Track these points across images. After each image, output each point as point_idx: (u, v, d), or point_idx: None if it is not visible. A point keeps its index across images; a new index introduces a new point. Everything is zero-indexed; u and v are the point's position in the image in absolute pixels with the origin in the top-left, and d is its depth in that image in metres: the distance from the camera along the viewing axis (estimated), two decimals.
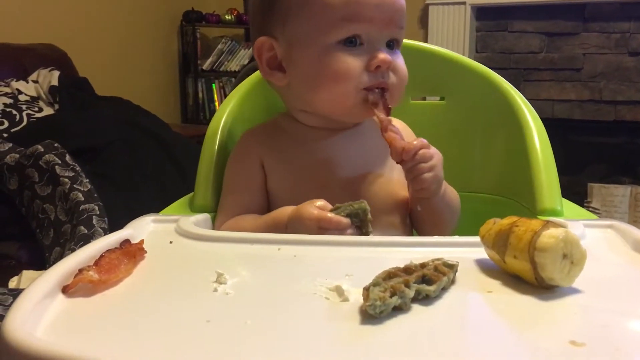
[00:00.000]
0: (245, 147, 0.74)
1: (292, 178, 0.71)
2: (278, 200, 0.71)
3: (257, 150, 0.72)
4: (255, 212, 0.70)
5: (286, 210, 0.64)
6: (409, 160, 0.64)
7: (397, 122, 0.76)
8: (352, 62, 0.64)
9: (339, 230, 0.59)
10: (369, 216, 0.61)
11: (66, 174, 1.52)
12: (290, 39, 0.67)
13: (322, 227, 0.59)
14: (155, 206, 0.74)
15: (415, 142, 0.64)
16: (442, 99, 0.91)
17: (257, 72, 0.89)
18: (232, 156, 0.75)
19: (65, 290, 0.45)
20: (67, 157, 1.56)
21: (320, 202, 0.61)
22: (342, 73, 0.64)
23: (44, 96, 2.17)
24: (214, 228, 0.70)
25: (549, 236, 0.44)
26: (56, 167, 1.53)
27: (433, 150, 0.66)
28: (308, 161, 0.71)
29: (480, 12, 2.89)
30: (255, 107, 0.88)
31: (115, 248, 0.52)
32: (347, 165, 0.71)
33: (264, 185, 0.72)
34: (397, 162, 0.65)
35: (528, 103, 0.81)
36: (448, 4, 2.87)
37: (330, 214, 0.60)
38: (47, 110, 2.12)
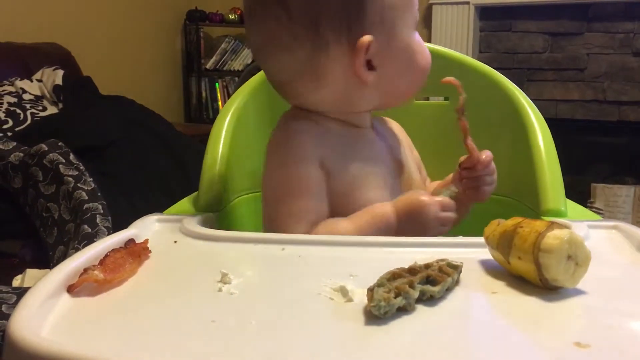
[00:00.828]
0: (303, 147, 0.68)
1: (351, 179, 0.68)
2: (338, 204, 0.68)
3: (317, 151, 0.68)
4: (326, 217, 0.67)
5: (383, 208, 0.65)
6: (480, 170, 0.69)
7: (393, 124, 0.76)
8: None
9: (452, 210, 0.64)
10: None
11: (70, 173, 1.52)
12: (389, 32, 0.65)
13: (445, 209, 0.63)
14: (158, 205, 0.74)
15: (488, 156, 0.69)
16: (446, 99, 0.91)
17: (262, 71, 0.89)
18: (285, 157, 0.68)
19: (71, 289, 0.45)
20: (71, 156, 1.57)
21: (423, 191, 0.67)
22: (428, 56, 0.69)
23: (48, 95, 2.18)
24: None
25: (553, 237, 0.44)
26: (60, 166, 1.53)
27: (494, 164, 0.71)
28: (362, 160, 0.70)
29: (484, 12, 2.89)
30: (260, 107, 0.88)
31: (120, 247, 0.52)
32: (389, 162, 0.72)
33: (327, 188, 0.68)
34: (463, 168, 0.69)
35: (532, 103, 0.81)
36: (452, 3, 2.87)
37: (442, 197, 0.64)
38: (51, 109, 2.13)
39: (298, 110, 0.71)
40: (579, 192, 2.74)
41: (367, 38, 0.63)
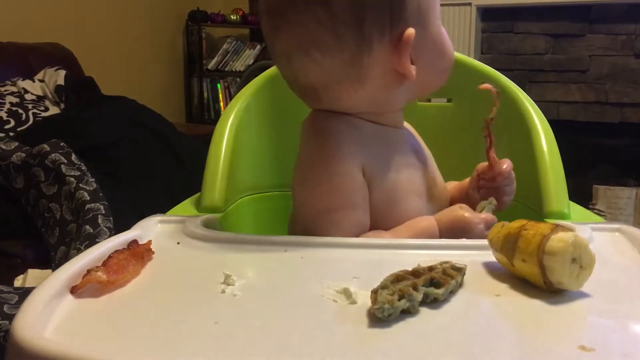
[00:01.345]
0: (346, 154, 0.64)
1: (392, 186, 0.66)
2: (378, 213, 0.65)
3: (359, 157, 0.64)
4: (368, 229, 0.65)
5: (427, 222, 0.64)
6: (500, 182, 0.69)
7: (407, 126, 0.76)
8: None
9: None
10: None
11: (72, 174, 1.52)
12: (424, 22, 0.63)
13: (489, 227, 0.62)
14: (160, 205, 0.74)
15: (508, 165, 0.69)
16: (449, 100, 0.91)
17: (265, 72, 0.89)
18: (327, 164, 0.64)
19: (74, 290, 0.45)
20: (73, 157, 1.57)
21: (465, 205, 0.65)
22: (451, 45, 0.68)
23: (50, 95, 2.18)
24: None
25: (558, 240, 0.44)
26: (62, 166, 1.53)
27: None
28: (401, 165, 0.68)
29: (486, 13, 2.89)
30: (262, 108, 0.88)
31: (123, 249, 0.52)
32: (419, 163, 0.71)
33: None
34: (483, 179, 0.70)
35: (535, 105, 0.81)
36: (453, 5, 2.87)
37: (486, 214, 0.64)
38: (53, 110, 2.13)
39: (328, 112, 0.67)
40: (581, 193, 2.74)
41: (412, 31, 0.60)
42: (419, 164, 0.71)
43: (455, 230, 0.63)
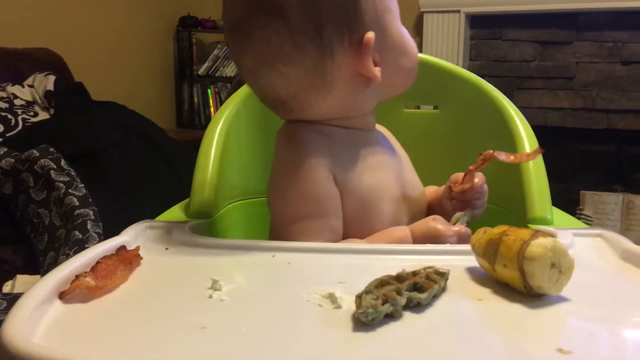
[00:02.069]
0: (317, 163, 0.65)
1: (365, 191, 0.67)
2: (353, 218, 0.66)
3: (328, 163, 0.65)
4: (341, 235, 0.66)
5: (402, 232, 0.65)
6: (470, 196, 0.69)
7: (381, 128, 0.77)
8: None
9: (468, 239, 0.64)
10: None
11: (61, 179, 1.52)
12: (383, 24, 0.65)
13: (461, 240, 0.63)
14: (150, 211, 0.75)
15: (480, 179, 0.70)
16: (435, 107, 0.92)
17: None
18: (299, 174, 0.65)
19: (62, 296, 0.45)
20: (62, 162, 1.57)
21: (439, 217, 0.65)
22: (414, 43, 0.69)
23: (39, 101, 2.17)
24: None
25: (537, 245, 0.45)
26: (51, 171, 1.53)
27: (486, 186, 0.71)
28: (373, 169, 0.68)
29: (475, 21, 2.92)
30: (252, 114, 0.89)
31: (112, 254, 0.52)
32: (394, 166, 0.72)
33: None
34: (454, 190, 0.70)
35: (519, 112, 0.82)
36: (443, 12, 2.89)
37: (459, 227, 0.64)
38: (43, 115, 2.12)
39: (299, 122, 0.68)
40: (568, 199, 2.76)
41: (371, 34, 0.62)
42: (392, 166, 0.72)
43: (428, 241, 0.63)
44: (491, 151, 0.66)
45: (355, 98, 0.67)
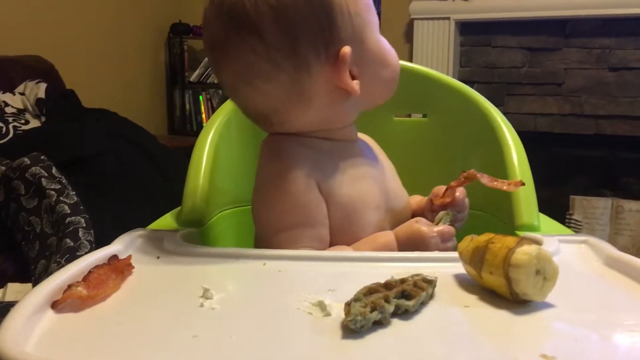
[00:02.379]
0: (295, 170, 0.66)
1: (348, 200, 0.68)
2: (338, 227, 0.67)
3: (311, 173, 0.66)
4: (328, 244, 0.67)
5: (386, 237, 0.66)
6: (450, 209, 0.70)
7: (365, 137, 0.78)
8: None
9: (452, 238, 0.66)
10: None
11: (52, 187, 1.52)
12: (360, 38, 0.66)
13: (445, 239, 0.65)
14: (141, 218, 0.75)
15: (461, 193, 0.71)
16: (424, 116, 0.93)
17: None
18: (284, 185, 0.66)
19: (55, 305, 0.46)
20: (54, 170, 1.57)
21: (422, 219, 0.67)
22: (395, 53, 0.70)
23: (30, 108, 2.17)
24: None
25: (522, 253, 0.46)
26: (42, 179, 1.53)
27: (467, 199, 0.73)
28: (356, 178, 0.69)
29: (464, 27, 2.94)
30: (243, 123, 0.89)
31: (104, 264, 0.53)
32: (377, 175, 0.73)
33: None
34: (435, 203, 0.71)
35: (506, 120, 0.83)
36: (432, 19, 2.91)
37: (442, 226, 0.65)
38: (34, 123, 2.12)
39: (282, 134, 0.69)
40: (558, 204, 2.78)
41: (347, 49, 0.63)
42: (376, 175, 0.72)
43: (412, 243, 0.65)
44: (475, 172, 0.67)
45: (335, 111, 0.68)
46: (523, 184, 0.67)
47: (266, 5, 0.61)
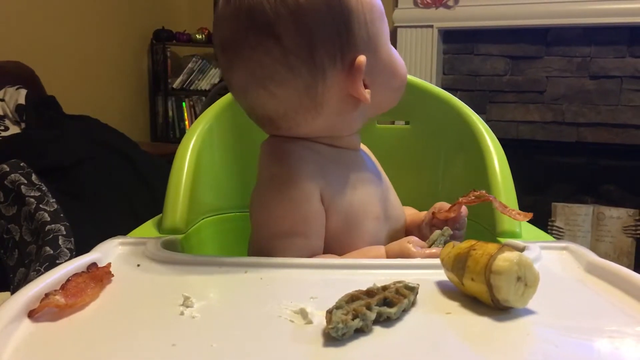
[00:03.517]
0: (299, 175, 0.65)
1: (348, 209, 0.67)
2: (336, 235, 0.67)
3: (315, 179, 0.65)
4: (320, 253, 0.66)
5: (377, 252, 0.65)
6: (451, 225, 0.69)
7: (364, 148, 0.78)
8: None
9: None
10: None
11: (32, 194, 1.50)
12: (374, 47, 0.65)
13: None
14: (123, 225, 0.74)
15: (463, 210, 0.70)
16: (407, 123, 0.94)
17: (227, 95, 0.90)
18: (280, 183, 0.65)
19: (32, 314, 0.45)
20: (33, 177, 1.55)
21: (414, 239, 0.65)
22: (404, 64, 0.70)
23: (10, 115, 2.15)
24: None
25: (503, 260, 0.46)
26: (22, 187, 1.51)
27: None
28: (358, 188, 0.69)
29: (447, 36, 2.96)
30: (224, 130, 0.89)
31: (82, 272, 0.52)
32: (377, 184, 0.73)
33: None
34: (437, 218, 0.70)
35: (488, 128, 0.84)
36: (416, 27, 2.93)
37: (435, 249, 0.63)
38: (14, 129, 2.10)
39: (286, 137, 0.68)
40: (540, 210, 2.80)
41: (363, 58, 0.63)
42: (376, 186, 0.72)
43: None
44: (486, 193, 0.67)
45: (344, 118, 0.67)
46: (531, 216, 0.67)
47: (286, 9, 0.60)
